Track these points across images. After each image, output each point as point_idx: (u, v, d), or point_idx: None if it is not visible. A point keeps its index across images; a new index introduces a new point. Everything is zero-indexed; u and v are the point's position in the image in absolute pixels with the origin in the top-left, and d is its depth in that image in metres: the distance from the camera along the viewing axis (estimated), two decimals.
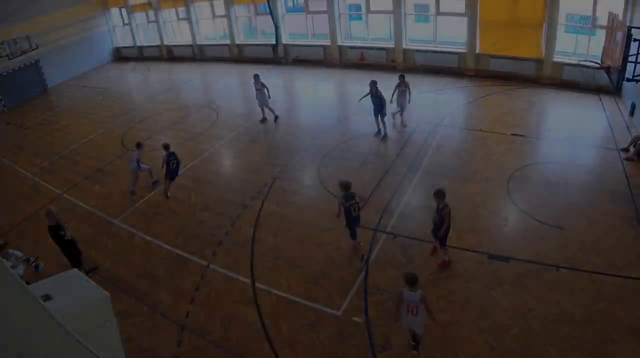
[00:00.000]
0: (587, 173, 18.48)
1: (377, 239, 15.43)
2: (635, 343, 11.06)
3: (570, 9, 28.56)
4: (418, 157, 20.30)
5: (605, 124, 22.69)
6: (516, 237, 15.17)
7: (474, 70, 30.95)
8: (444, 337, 11.71)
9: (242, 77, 34.77)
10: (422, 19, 39.25)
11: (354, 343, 11.76)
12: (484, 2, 29.18)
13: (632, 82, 14.46)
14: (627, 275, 13.03)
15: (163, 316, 13.19)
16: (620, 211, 15.89)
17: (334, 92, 31.02)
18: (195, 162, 21.71)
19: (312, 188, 18.80)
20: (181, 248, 15.93)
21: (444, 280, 13.49)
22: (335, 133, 23.27)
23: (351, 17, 40.79)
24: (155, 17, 41.96)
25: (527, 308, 12.30)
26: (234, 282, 14.16)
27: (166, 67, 40.78)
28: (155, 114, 28.91)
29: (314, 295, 13.36)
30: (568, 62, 27.70)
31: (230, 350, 11.89)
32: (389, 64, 33.79)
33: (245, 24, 42.27)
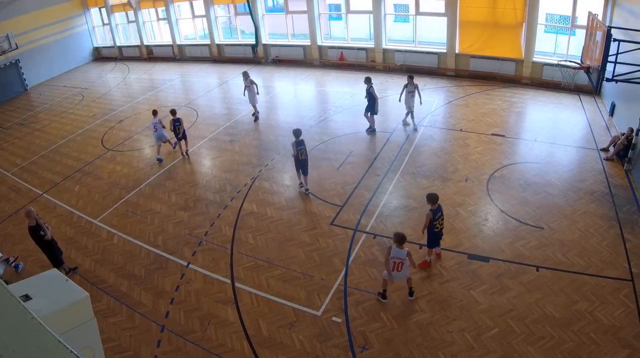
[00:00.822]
0: (566, 173, 18.55)
1: (357, 239, 15.44)
2: (615, 343, 11.14)
3: (549, 9, 28.76)
4: (398, 157, 20.36)
5: (585, 124, 22.86)
6: (496, 237, 15.19)
7: (453, 70, 31.15)
8: (424, 336, 11.75)
9: (222, 77, 34.92)
10: (401, 19, 39.38)
11: (334, 343, 11.76)
12: (463, 3, 29.33)
13: (612, 82, 14.56)
14: (606, 275, 13.15)
15: (143, 316, 13.12)
16: (600, 211, 16.02)
17: (313, 92, 31.00)
18: (175, 162, 21.67)
19: (292, 189, 18.75)
20: (161, 248, 15.88)
21: (423, 280, 13.53)
22: (315, 133, 23.27)
23: (331, 17, 41.10)
24: (135, 17, 41.87)
25: (507, 308, 12.37)
26: (214, 282, 14.12)
27: (146, 67, 40.62)
28: (135, 113, 28.81)
29: (294, 295, 13.35)
30: (548, 62, 27.92)
31: (210, 350, 11.87)
32: (368, 63, 34.00)
33: (225, 24, 42.28)
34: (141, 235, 16.74)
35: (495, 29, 29.20)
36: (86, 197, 19.67)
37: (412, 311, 12.49)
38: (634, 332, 11.39)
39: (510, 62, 29.24)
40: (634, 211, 15.97)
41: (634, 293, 12.49)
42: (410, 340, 11.68)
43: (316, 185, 18.53)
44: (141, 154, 22.83)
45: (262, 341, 11.99)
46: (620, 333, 11.38)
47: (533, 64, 28.60)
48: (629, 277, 13.08)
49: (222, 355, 11.68)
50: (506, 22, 28.65)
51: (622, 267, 13.44)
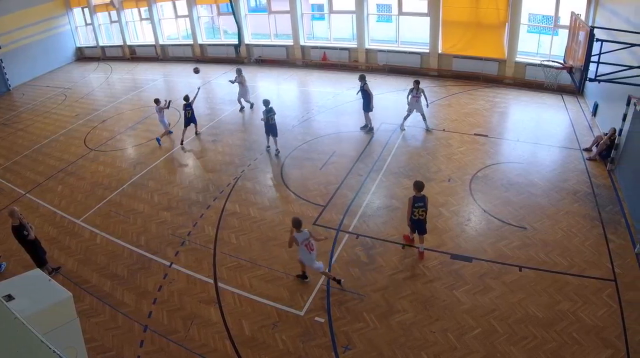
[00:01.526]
0: (549, 173, 18.63)
1: (340, 239, 15.45)
2: (598, 343, 11.19)
3: (532, 9, 28.88)
4: (381, 157, 20.39)
5: (567, 123, 22.97)
6: (479, 237, 15.23)
7: (436, 70, 31.24)
8: (407, 336, 11.76)
9: (205, 77, 34.72)
10: (384, 19, 39.45)
11: (317, 343, 11.76)
12: (446, 3, 29.41)
13: (595, 82, 14.65)
14: (589, 275, 13.21)
15: (126, 316, 13.06)
16: (582, 211, 16.09)
17: (296, 92, 30.99)
18: (157, 162, 21.57)
19: (274, 189, 18.76)
20: (144, 249, 15.82)
21: (406, 280, 13.55)
22: (298, 133, 23.29)
23: (314, 17, 41.01)
24: (117, 17, 41.65)
25: (490, 308, 12.40)
26: (197, 282, 14.09)
27: (129, 67, 40.44)
28: (118, 113, 28.69)
29: (277, 295, 13.34)
30: (531, 62, 28.05)
31: (193, 350, 11.84)
32: (351, 63, 34.04)
33: (207, 24, 42.11)
34: (124, 235, 16.65)
35: (478, 29, 29.29)
36: (69, 197, 19.56)
37: (395, 311, 12.49)
38: (616, 332, 11.43)
39: (493, 62, 29.34)
40: (617, 211, 16.05)
41: (617, 294, 12.55)
42: (393, 340, 11.68)
43: (299, 185, 18.55)
44: (124, 153, 22.74)
45: (245, 341, 11.97)
46: (603, 333, 11.42)
47: (516, 64, 28.71)
48: (612, 277, 13.13)
49: (205, 355, 11.65)
50: (489, 22, 28.75)
51: (605, 267, 13.50)
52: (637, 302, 12.28)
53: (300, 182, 18.83)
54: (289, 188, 18.56)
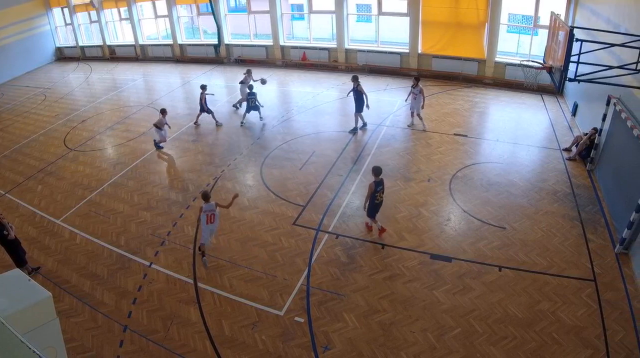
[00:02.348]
0: (529, 173, 18.69)
1: (319, 239, 15.43)
2: (577, 343, 11.23)
3: (512, 9, 29.02)
4: (361, 157, 20.43)
5: (547, 123, 23.10)
6: (458, 237, 15.25)
7: (416, 70, 31.23)
8: (387, 336, 11.76)
9: (185, 77, 34.83)
10: (364, 19, 39.56)
11: (297, 343, 11.73)
12: (426, 3, 29.51)
13: (575, 82, 14.71)
14: (569, 275, 13.26)
15: (105, 316, 12.98)
16: (562, 211, 16.17)
17: (276, 92, 30.88)
18: (137, 162, 21.47)
19: (254, 189, 18.69)
20: (124, 248, 15.73)
21: (386, 280, 13.54)
22: (278, 133, 23.26)
23: (293, 17, 41.21)
24: (97, 17, 41.47)
25: (469, 308, 12.42)
26: (177, 282, 14.03)
27: (108, 67, 40.23)
28: (98, 114, 28.50)
29: (257, 295, 13.30)
30: (510, 62, 28.20)
31: (173, 350, 11.78)
32: (331, 63, 34.12)
33: (187, 24, 42.08)
34: (104, 235, 16.56)
35: (457, 29, 29.41)
36: (49, 197, 19.42)
37: (375, 311, 12.49)
38: (596, 332, 11.49)
39: (472, 62, 29.49)
40: (597, 211, 16.14)
41: (597, 293, 12.61)
42: (372, 340, 11.68)
43: (279, 185, 18.53)
44: (104, 153, 22.61)
45: (225, 341, 11.93)
46: (583, 333, 11.47)
47: (495, 64, 28.86)
48: (592, 276, 13.20)
49: (184, 355, 11.61)
50: (469, 22, 28.86)
51: (585, 267, 13.57)
52: (617, 302, 12.35)
53: (280, 182, 18.80)
54: (268, 188, 18.51)
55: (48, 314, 8.49)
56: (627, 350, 11.03)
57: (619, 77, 14.91)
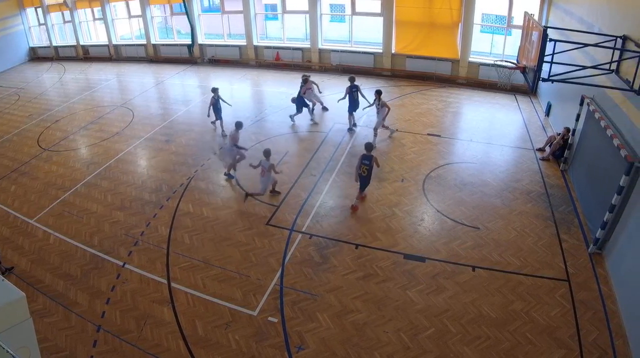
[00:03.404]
0: (503, 173, 18.77)
1: (293, 239, 15.41)
2: (551, 343, 11.29)
3: (485, 9, 29.17)
4: (334, 157, 20.44)
5: (521, 123, 23.24)
6: (432, 237, 15.27)
7: (390, 70, 31.45)
8: (360, 336, 11.76)
9: (158, 77, 34.73)
10: (338, 19, 39.65)
11: (270, 343, 11.70)
12: (399, 3, 29.60)
13: (548, 82, 14.78)
14: (542, 275, 13.33)
15: (79, 316, 12.88)
16: (536, 211, 16.26)
17: (250, 92, 30.92)
18: (111, 162, 21.30)
19: (227, 189, 18.65)
20: (97, 248, 15.61)
21: (359, 280, 13.54)
22: (252, 132, 23.13)
23: (267, 17, 41.37)
24: (71, 17, 41.15)
25: (443, 308, 12.44)
26: (150, 282, 13.94)
27: (82, 67, 39.96)
28: (72, 114, 28.29)
29: (230, 295, 13.25)
30: (484, 62, 28.38)
31: (146, 350, 11.71)
32: (304, 63, 34.17)
33: (161, 24, 42.05)
34: (77, 235, 16.43)
35: (431, 29, 29.53)
36: (22, 197, 19.25)
37: (348, 311, 12.49)
38: (570, 332, 11.55)
39: (446, 62, 29.62)
40: (570, 211, 16.24)
41: (570, 293, 12.69)
42: (346, 340, 11.67)
43: (252, 186, 18.35)
44: (77, 154, 22.45)
45: (198, 341, 11.88)
46: (556, 333, 11.53)
47: (469, 64, 29.02)
48: (565, 276, 13.28)
49: (158, 355, 11.55)
50: (442, 22, 28.98)
51: (558, 267, 13.64)
52: (590, 302, 12.42)
53: (253, 182, 18.55)
54: (242, 188, 18.46)
55: (22, 314, 8.42)
56: (600, 350, 11.10)
57: (592, 77, 15.00)
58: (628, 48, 13.78)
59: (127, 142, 23.13)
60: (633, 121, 13.10)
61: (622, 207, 12.94)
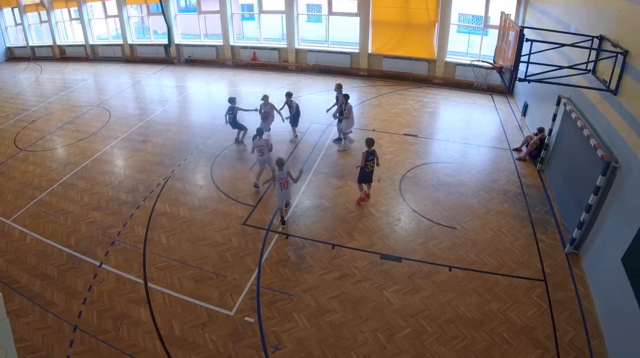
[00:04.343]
0: (479, 173, 18.87)
1: (269, 239, 15.39)
2: (528, 343, 11.33)
3: (462, 9, 29.35)
4: (310, 157, 20.50)
5: (497, 123, 23.38)
6: (408, 237, 15.31)
7: (366, 70, 31.64)
8: (337, 336, 11.76)
9: (135, 76, 34.65)
10: (314, 19, 39.77)
11: (247, 343, 11.67)
12: (376, 3, 29.80)
13: (525, 82, 14.85)
14: (519, 275, 13.39)
15: (55, 316, 12.78)
16: (512, 211, 16.33)
17: (226, 92, 30.81)
18: (87, 162, 21.19)
19: (204, 189, 18.60)
20: (74, 248, 15.49)
21: (335, 280, 13.55)
22: (228, 133, 23.06)
23: (244, 17, 41.52)
24: (47, 17, 41.00)
25: (420, 308, 12.45)
26: (127, 282, 13.85)
27: (59, 67, 39.76)
28: (48, 113, 28.11)
29: (207, 295, 13.21)
30: (460, 62, 28.61)
31: (123, 350, 11.63)
32: (281, 64, 34.31)
33: (137, 24, 41.97)
34: (54, 235, 16.30)
35: (408, 29, 29.73)
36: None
37: (325, 311, 12.49)
38: (546, 332, 11.60)
39: (423, 62, 29.84)
40: (547, 211, 16.34)
41: (547, 293, 12.75)
42: (323, 340, 11.66)
43: (229, 186, 18.47)
44: (54, 153, 22.27)
45: (175, 341, 11.83)
46: (533, 333, 11.58)
47: (446, 64, 29.26)
48: (542, 277, 13.35)
49: (134, 355, 11.47)
50: (419, 22, 29.19)
51: (535, 267, 13.71)
52: (567, 302, 12.49)
53: (230, 182, 18.76)
54: (219, 189, 18.43)
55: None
56: (577, 350, 11.16)
57: (569, 77, 15.10)
58: (604, 48, 13.87)
59: (104, 142, 23.02)
60: (609, 121, 13.18)
61: (599, 207, 13.01)
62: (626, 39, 12.73)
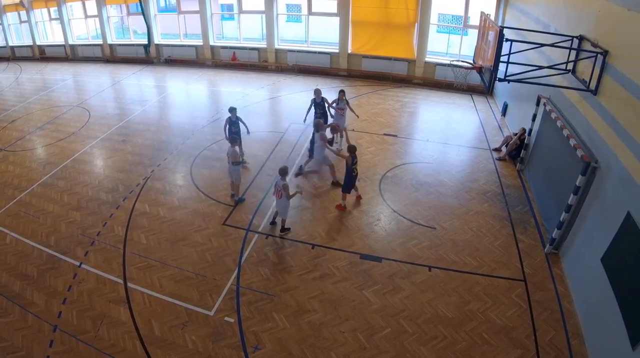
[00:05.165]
0: (459, 173, 18.96)
1: (249, 239, 15.40)
2: (507, 343, 11.40)
3: (442, 9, 29.45)
4: (290, 157, 20.49)
5: (477, 123, 23.48)
6: (388, 237, 15.36)
7: (346, 70, 31.70)
8: (317, 337, 11.78)
9: (115, 77, 34.53)
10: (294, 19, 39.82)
11: (227, 343, 11.66)
12: (355, 3, 29.84)
13: (504, 82, 14.89)
14: (499, 275, 13.47)
15: (35, 316, 12.72)
16: (492, 211, 16.43)
17: (206, 92, 30.97)
18: (67, 162, 21.06)
19: (184, 189, 18.57)
20: (53, 248, 15.41)
21: (315, 280, 13.58)
22: (208, 133, 23.11)
23: (223, 17, 41.40)
24: (27, 17, 40.71)
25: (399, 308, 12.51)
26: (107, 282, 13.79)
27: (38, 67, 39.45)
28: (28, 113, 27.91)
29: (186, 295, 13.19)
30: (440, 62, 28.72)
31: (103, 350, 11.60)
32: (261, 64, 34.32)
33: (117, 24, 41.70)
34: (33, 235, 16.21)
35: (387, 29, 29.83)
36: None
37: (305, 311, 12.51)
38: (526, 332, 11.68)
39: (402, 62, 29.95)
40: (527, 211, 16.44)
41: (527, 294, 12.84)
42: (302, 340, 11.68)
43: (209, 186, 18.47)
44: (34, 153, 22.12)
45: (155, 341, 11.80)
46: (513, 333, 11.66)
47: (425, 64, 29.36)
48: (522, 277, 13.44)
49: (114, 355, 11.44)
50: (398, 22, 29.29)
51: (515, 267, 13.80)
52: (547, 302, 12.59)
53: (209, 182, 18.74)
54: (198, 189, 18.43)
55: None
56: (556, 350, 11.24)
57: (549, 77, 15.18)
58: (584, 48, 13.95)
59: (84, 142, 22.91)
60: (589, 121, 13.26)
61: (579, 207, 13.07)
62: (606, 39, 12.81)
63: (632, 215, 10.11)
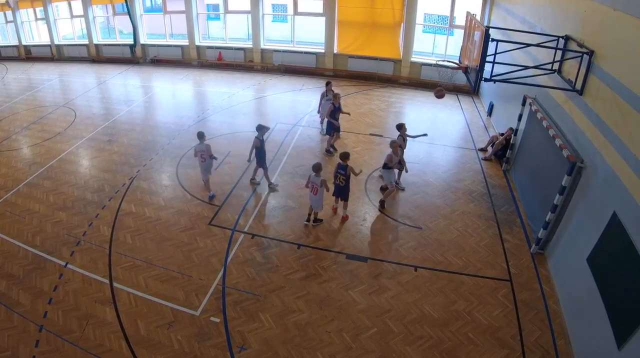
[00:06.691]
0: (445, 173, 19.02)
1: (235, 239, 15.39)
2: (493, 343, 11.43)
3: (428, 9, 29.51)
4: (276, 157, 20.48)
5: (463, 124, 23.55)
6: (374, 237, 15.41)
7: (332, 70, 31.72)
8: (303, 336, 11.78)
9: (100, 76, 34.43)
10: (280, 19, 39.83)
11: (212, 343, 11.64)
12: (341, 3, 29.88)
13: (490, 82, 14.92)
14: (485, 275, 13.51)
15: (21, 316, 12.68)
16: (478, 211, 16.49)
17: (192, 92, 30.87)
18: (53, 162, 20.97)
19: (170, 189, 18.53)
20: (39, 248, 15.35)
21: (301, 280, 13.58)
22: (193, 133, 22.72)
23: (209, 17, 41.38)
24: (13, 17, 40.46)
25: (385, 308, 12.52)
26: (92, 282, 13.74)
27: (24, 67, 39.27)
28: (14, 114, 27.79)
29: (172, 294, 13.17)
30: (426, 62, 28.79)
31: (88, 350, 11.56)
32: (247, 63, 34.31)
33: (103, 24, 41.68)
34: (19, 235, 16.14)
35: (373, 29, 29.87)
36: None
37: (291, 311, 12.51)
38: (512, 332, 11.72)
39: (388, 62, 30.00)
40: (512, 211, 16.51)
41: (512, 293, 12.88)
42: (288, 340, 11.68)
43: (194, 185, 18.44)
44: (19, 153, 22.01)
45: (141, 341, 11.77)
46: (499, 333, 11.69)
47: (411, 64, 29.44)
48: (507, 276, 13.48)
49: (100, 355, 11.40)
50: (384, 22, 29.32)
51: (501, 267, 13.84)
52: (533, 302, 12.63)
53: (195, 182, 18.70)
54: (184, 188, 18.41)
55: None
56: (542, 350, 11.28)
57: (534, 77, 15.23)
58: (570, 48, 13.99)
59: (69, 142, 22.83)
60: (575, 121, 13.30)
61: (564, 207, 13.12)
62: (592, 39, 12.85)
63: (618, 215, 10.14)
